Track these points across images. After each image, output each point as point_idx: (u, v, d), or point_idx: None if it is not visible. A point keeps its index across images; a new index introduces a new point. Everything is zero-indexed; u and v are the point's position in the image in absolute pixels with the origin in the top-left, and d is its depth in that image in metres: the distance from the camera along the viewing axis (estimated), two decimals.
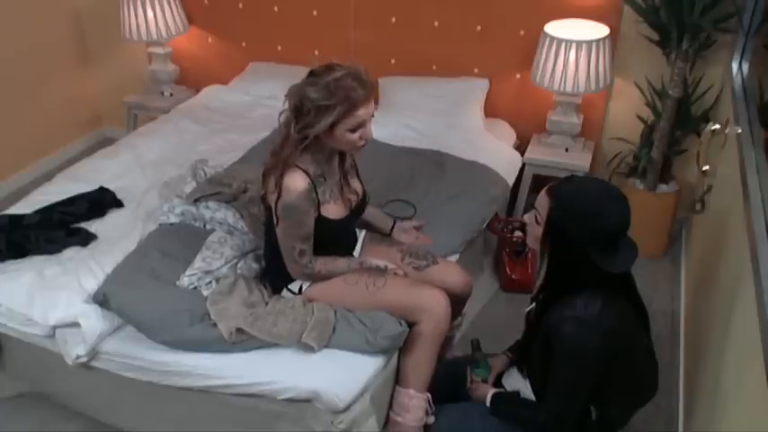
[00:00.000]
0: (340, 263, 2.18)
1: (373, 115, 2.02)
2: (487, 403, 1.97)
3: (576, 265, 1.75)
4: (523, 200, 3.39)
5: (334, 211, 2.11)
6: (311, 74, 1.98)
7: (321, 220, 2.09)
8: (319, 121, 1.93)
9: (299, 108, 1.96)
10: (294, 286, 2.20)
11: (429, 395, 2.14)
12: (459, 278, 2.31)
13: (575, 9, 3.20)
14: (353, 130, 1.98)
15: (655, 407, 2.13)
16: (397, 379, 2.17)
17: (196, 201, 2.60)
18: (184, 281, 2.25)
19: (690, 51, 2.87)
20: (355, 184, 2.22)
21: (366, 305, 2.13)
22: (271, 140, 2.10)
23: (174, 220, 2.56)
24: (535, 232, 1.82)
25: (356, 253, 2.33)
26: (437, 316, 2.11)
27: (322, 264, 2.15)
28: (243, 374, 2.05)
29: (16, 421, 2.45)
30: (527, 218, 1.86)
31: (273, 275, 2.27)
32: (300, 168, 2.02)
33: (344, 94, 1.92)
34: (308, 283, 2.19)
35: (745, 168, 1.91)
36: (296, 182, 2.01)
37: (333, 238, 2.17)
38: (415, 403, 2.12)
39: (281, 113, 2.04)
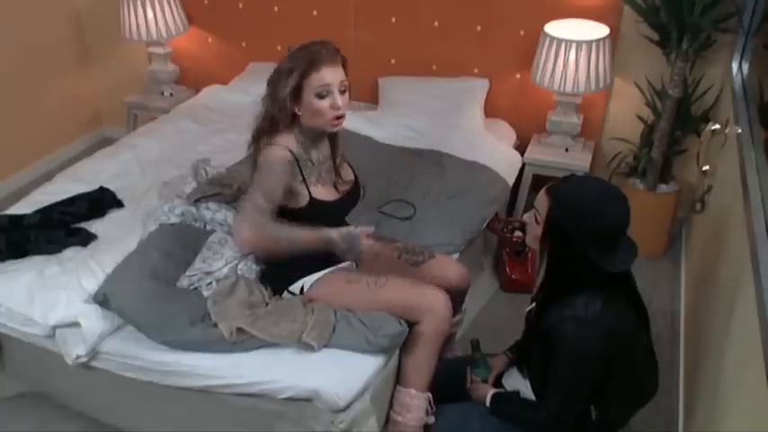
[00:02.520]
0: (293, 230, 2.05)
1: (345, 90, 2.02)
2: (487, 403, 1.98)
3: (576, 264, 1.75)
4: (523, 200, 3.39)
5: (324, 193, 2.12)
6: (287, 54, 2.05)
7: (314, 203, 2.09)
8: (285, 85, 1.98)
9: (272, 80, 2.02)
10: (295, 288, 2.20)
11: (430, 395, 2.14)
12: (456, 271, 2.32)
13: (575, 9, 3.20)
14: (321, 96, 1.99)
15: (655, 407, 2.13)
16: (398, 378, 2.18)
17: (196, 201, 2.60)
18: (184, 281, 2.25)
19: (690, 51, 2.87)
20: (347, 174, 2.23)
21: (367, 304, 2.13)
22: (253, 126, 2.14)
23: (174, 220, 2.55)
24: (535, 232, 1.82)
25: None
26: (438, 315, 2.11)
27: (274, 226, 2.04)
28: (243, 374, 2.05)
29: (16, 421, 2.45)
30: (527, 217, 1.86)
31: (274, 277, 2.26)
32: (282, 146, 2.05)
33: (305, 55, 1.97)
34: (309, 285, 2.19)
35: (745, 168, 1.91)
36: (277, 151, 2.03)
37: (329, 224, 2.15)
38: (416, 403, 2.12)
39: (262, 98, 2.09)
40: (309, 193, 2.09)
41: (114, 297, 2.16)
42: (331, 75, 1.98)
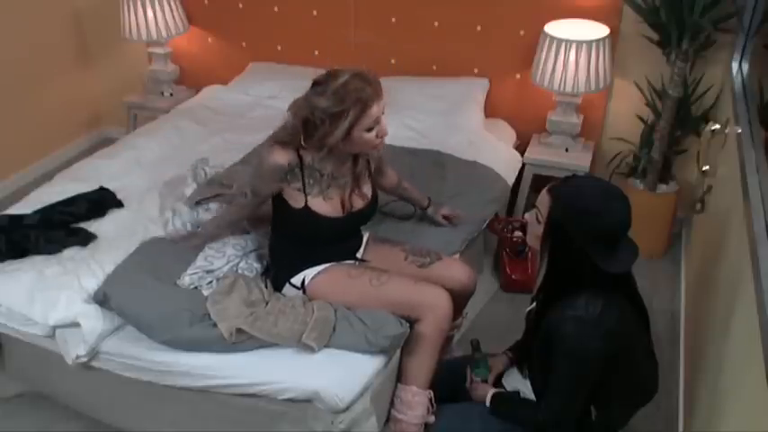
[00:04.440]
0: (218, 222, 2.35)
1: (384, 111, 2.04)
2: (487, 403, 1.97)
3: (577, 264, 1.75)
4: (523, 200, 3.39)
5: (323, 207, 2.12)
6: (315, 84, 2.00)
7: (308, 212, 2.09)
8: (335, 128, 1.96)
9: (310, 120, 1.98)
10: (296, 280, 2.21)
11: (431, 392, 2.15)
12: (464, 273, 2.32)
13: (575, 9, 3.20)
14: (369, 130, 2.00)
15: (655, 407, 2.13)
16: (399, 377, 2.18)
17: (197, 203, 2.59)
18: (186, 280, 2.25)
19: (690, 51, 2.87)
20: (366, 189, 2.23)
21: (369, 300, 2.13)
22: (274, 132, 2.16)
23: (182, 233, 2.54)
24: (536, 231, 1.82)
25: (359, 254, 2.34)
26: (440, 314, 2.11)
27: (226, 214, 2.33)
28: (243, 374, 2.05)
29: (16, 421, 2.46)
30: (528, 216, 1.86)
31: (277, 268, 2.27)
32: (288, 150, 2.06)
33: (355, 96, 1.94)
34: (310, 277, 2.19)
35: (745, 168, 1.91)
36: (280, 155, 2.06)
37: (323, 236, 2.18)
38: (418, 400, 2.13)
39: (285, 122, 2.07)
40: (306, 201, 2.09)
41: (114, 297, 2.16)
42: (378, 108, 2.00)
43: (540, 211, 1.79)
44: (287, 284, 2.23)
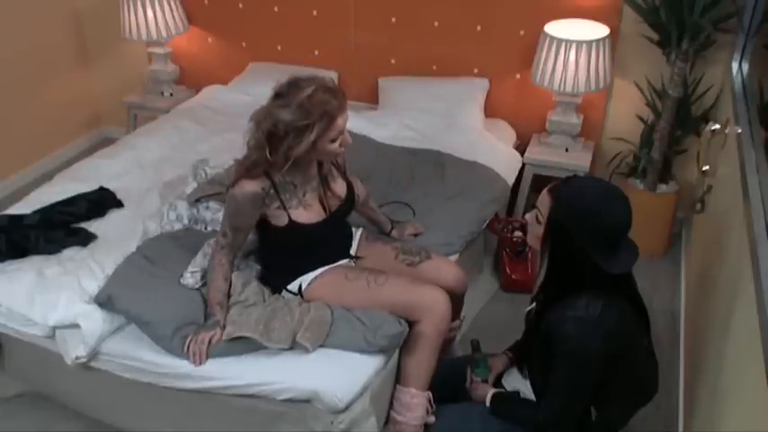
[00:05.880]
0: (216, 285, 2.12)
1: (347, 121, 2.03)
2: (487, 403, 1.97)
3: (577, 265, 1.74)
4: (523, 200, 3.39)
5: (306, 216, 2.11)
6: (277, 95, 1.97)
7: (294, 226, 2.08)
8: (300, 141, 1.93)
9: (274, 132, 1.94)
10: (293, 287, 2.20)
11: (430, 394, 2.14)
12: (453, 273, 2.32)
13: (575, 9, 3.20)
14: (334, 140, 2.00)
15: (655, 407, 2.13)
16: (398, 378, 2.18)
17: (197, 201, 2.60)
18: (188, 279, 2.25)
19: (690, 51, 2.87)
20: (338, 189, 2.21)
21: (366, 303, 2.13)
22: (237, 163, 2.11)
23: (177, 226, 2.54)
24: (536, 231, 1.82)
25: (353, 251, 2.34)
26: (438, 315, 2.11)
27: (219, 269, 2.12)
28: (242, 376, 2.04)
29: (16, 421, 2.46)
30: (528, 217, 1.86)
31: (271, 277, 2.27)
32: (256, 180, 2.03)
33: (321, 109, 1.92)
34: (307, 282, 2.19)
35: (745, 168, 1.91)
36: (250, 184, 2.02)
37: (313, 243, 2.17)
38: (416, 401, 2.12)
39: (249, 139, 2.02)
40: (289, 216, 2.08)
41: (120, 299, 2.14)
42: (343, 120, 1.99)
43: (541, 211, 1.79)
44: (284, 291, 2.23)
